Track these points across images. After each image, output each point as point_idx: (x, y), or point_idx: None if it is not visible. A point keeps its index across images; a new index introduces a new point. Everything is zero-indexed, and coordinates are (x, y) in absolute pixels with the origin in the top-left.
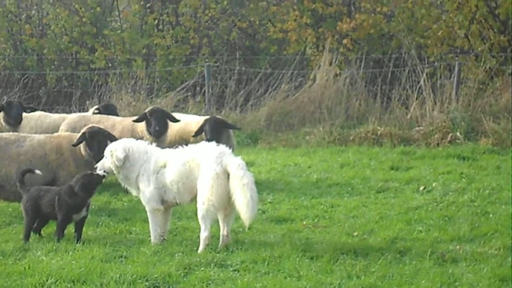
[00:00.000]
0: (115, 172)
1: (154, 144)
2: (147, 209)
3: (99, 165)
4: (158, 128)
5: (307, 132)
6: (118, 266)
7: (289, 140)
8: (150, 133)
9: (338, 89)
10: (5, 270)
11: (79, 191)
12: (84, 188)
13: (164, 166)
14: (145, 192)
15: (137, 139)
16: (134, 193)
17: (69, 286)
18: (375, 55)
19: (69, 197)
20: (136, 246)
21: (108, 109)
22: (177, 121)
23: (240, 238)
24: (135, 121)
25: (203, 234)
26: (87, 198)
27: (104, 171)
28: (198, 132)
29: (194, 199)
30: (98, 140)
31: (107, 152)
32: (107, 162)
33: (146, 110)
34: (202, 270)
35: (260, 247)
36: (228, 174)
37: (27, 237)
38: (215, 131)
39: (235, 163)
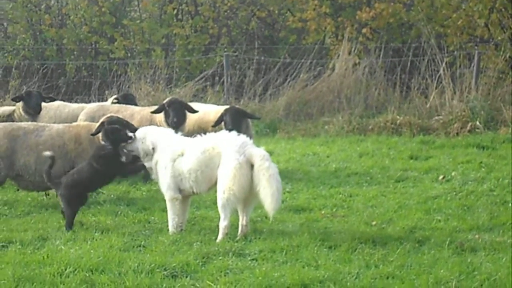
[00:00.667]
0: (140, 157)
1: None
2: (165, 198)
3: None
4: (176, 119)
5: (326, 121)
6: (136, 255)
7: (308, 129)
8: (168, 124)
9: (357, 79)
10: (24, 259)
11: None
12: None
13: (182, 155)
14: (162, 180)
15: None
16: (156, 179)
17: (87, 275)
18: (394, 44)
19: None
20: (154, 235)
21: (126, 99)
22: (195, 111)
23: (258, 227)
24: (153, 112)
25: (223, 224)
26: (117, 152)
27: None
28: (217, 122)
29: (211, 188)
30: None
31: (138, 135)
32: (135, 144)
33: (164, 101)
34: (220, 259)
35: (279, 236)
36: (251, 165)
37: (70, 225)
38: (235, 121)
39: (259, 154)
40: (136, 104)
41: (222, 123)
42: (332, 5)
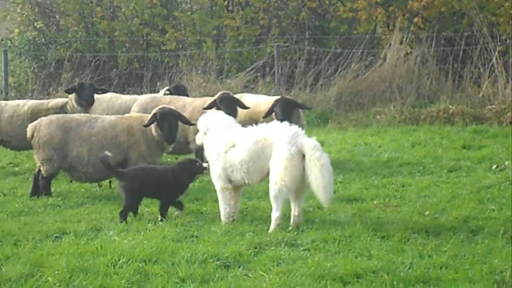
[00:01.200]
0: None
1: None
2: (216, 187)
3: (197, 138)
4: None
5: (377, 111)
6: (189, 246)
7: (360, 119)
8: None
9: (409, 68)
10: (77, 250)
11: (182, 177)
12: (188, 175)
13: (234, 146)
14: (213, 170)
15: None
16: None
17: (140, 265)
18: (446, 33)
19: (175, 180)
20: (207, 225)
21: (178, 90)
22: (247, 108)
23: (310, 217)
24: (205, 108)
25: (275, 214)
26: (190, 182)
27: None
28: (268, 113)
29: (263, 179)
30: (169, 121)
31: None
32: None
33: (216, 97)
34: (273, 249)
35: (331, 226)
36: (303, 155)
37: (125, 216)
38: (285, 111)
39: (310, 144)
40: (187, 95)
41: (273, 113)
42: None
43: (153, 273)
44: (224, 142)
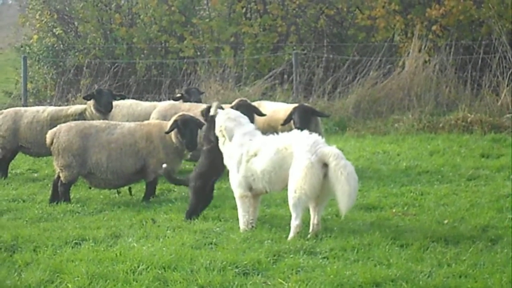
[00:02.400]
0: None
1: None
2: (235, 195)
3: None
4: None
5: (396, 119)
6: (208, 253)
7: (378, 127)
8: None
9: (427, 76)
10: (97, 256)
11: None
12: None
13: (255, 155)
14: (233, 177)
15: None
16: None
17: (160, 272)
18: (464, 42)
19: None
20: (225, 233)
21: (189, 93)
22: (263, 115)
23: (329, 225)
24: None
25: (294, 222)
26: None
27: None
28: (287, 121)
29: (285, 188)
30: (190, 128)
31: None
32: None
33: (233, 104)
34: (292, 257)
35: (350, 234)
36: (323, 164)
37: (191, 215)
38: (304, 119)
39: (333, 153)
40: (199, 98)
41: (291, 121)
42: (401, 2)
43: (172, 280)
44: (247, 151)
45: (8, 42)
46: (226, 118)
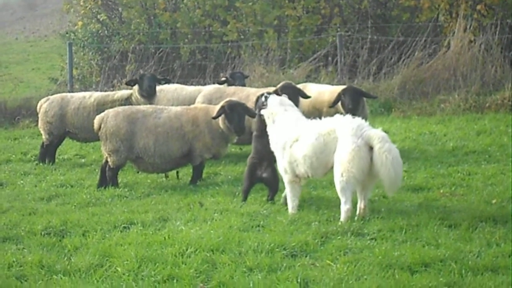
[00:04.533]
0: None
1: None
2: (284, 180)
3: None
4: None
5: (442, 99)
6: (255, 235)
7: (424, 108)
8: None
9: (473, 56)
10: (145, 240)
11: None
12: None
13: (297, 140)
14: (280, 164)
15: None
16: None
17: (208, 255)
18: (510, 21)
19: None
20: (272, 215)
21: (234, 77)
22: (308, 97)
23: (376, 207)
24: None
25: (345, 206)
26: None
27: None
28: (335, 102)
29: (327, 173)
30: (237, 113)
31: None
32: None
33: (278, 86)
34: (339, 238)
35: (397, 215)
36: (370, 147)
37: (245, 197)
38: (353, 101)
39: (378, 136)
40: (243, 82)
41: (339, 103)
42: None
43: (220, 262)
44: (289, 136)
45: (53, 29)
46: (275, 104)
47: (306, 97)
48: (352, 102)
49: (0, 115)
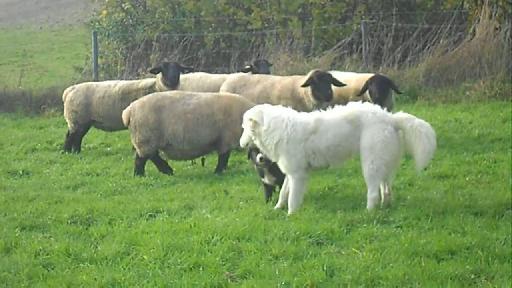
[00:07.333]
0: (252, 138)
1: (314, 108)
2: (292, 177)
3: (241, 140)
4: (328, 93)
5: (467, 87)
6: (281, 223)
7: (449, 95)
8: (316, 97)
9: (498, 43)
10: (171, 228)
11: None
12: None
13: (314, 132)
14: (291, 161)
15: (298, 99)
16: (273, 159)
17: (234, 243)
18: None
19: None
20: None
21: (258, 65)
22: (343, 85)
23: (402, 194)
24: (303, 85)
25: (372, 194)
26: None
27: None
28: (362, 91)
29: (346, 161)
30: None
31: (245, 121)
32: (246, 132)
33: (314, 75)
34: (365, 226)
35: (423, 203)
36: (399, 130)
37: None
38: (381, 89)
39: (405, 117)
40: (268, 70)
41: (367, 91)
42: None
43: (246, 250)
44: (303, 129)
45: (77, 18)
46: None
47: (340, 84)
48: (379, 91)
49: (26, 104)
